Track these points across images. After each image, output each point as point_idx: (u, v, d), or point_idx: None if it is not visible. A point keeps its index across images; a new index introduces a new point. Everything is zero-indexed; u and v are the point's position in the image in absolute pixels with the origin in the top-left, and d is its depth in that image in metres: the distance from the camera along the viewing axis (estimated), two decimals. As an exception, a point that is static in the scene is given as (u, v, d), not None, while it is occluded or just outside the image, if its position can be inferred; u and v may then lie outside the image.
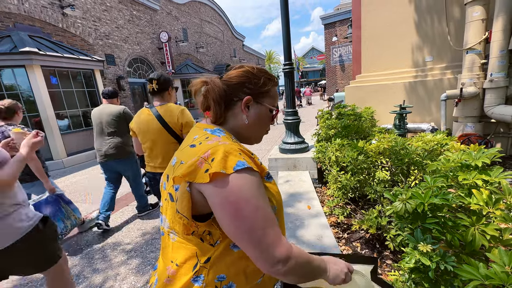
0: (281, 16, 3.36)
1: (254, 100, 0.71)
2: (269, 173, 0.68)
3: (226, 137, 0.66)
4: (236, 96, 0.70)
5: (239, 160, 0.56)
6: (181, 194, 0.59)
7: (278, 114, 0.81)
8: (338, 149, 2.47)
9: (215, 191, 0.56)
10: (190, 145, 0.63)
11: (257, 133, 0.76)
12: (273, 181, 0.69)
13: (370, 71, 5.14)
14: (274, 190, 0.67)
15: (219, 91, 0.68)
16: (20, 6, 6.65)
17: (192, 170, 0.56)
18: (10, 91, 6.10)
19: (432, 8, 4.30)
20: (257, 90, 0.71)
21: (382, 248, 1.86)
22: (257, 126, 0.74)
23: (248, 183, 0.56)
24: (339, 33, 15.84)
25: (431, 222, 1.03)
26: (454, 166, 1.27)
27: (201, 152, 0.58)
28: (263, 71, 0.74)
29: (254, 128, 0.73)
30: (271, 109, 0.74)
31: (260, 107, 0.72)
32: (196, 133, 0.69)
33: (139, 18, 10.90)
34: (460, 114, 3.64)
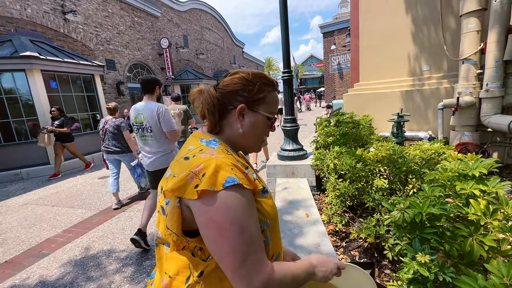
0: (280, 24, 3.41)
1: (249, 108, 0.68)
2: (264, 187, 0.66)
3: (221, 149, 0.64)
4: (230, 105, 0.68)
5: (229, 176, 0.54)
6: (171, 210, 0.58)
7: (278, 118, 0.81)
8: (336, 156, 2.48)
9: (201, 209, 0.54)
10: (184, 157, 0.61)
11: (254, 142, 0.73)
12: (269, 195, 0.67)
13: (368, 79, 5.20)
14: (269, 205, 0.65)
15: (212, 100, 0.67)
16: (22, 11, 6.71)
17: (182, 184, 0.55)
18: (9, 95, 6.10)
19: (428, 19, 4.39)
20: (252, 98, 0.68)
21: (380, 257, 1.84)
22: (253, 135, 0.71)
23: (236, 202, 0.54)
24: (337, 41, 16.08)
25: (429, 232, 1.03)
26: (451, 175, 1.27)
27: (193, 166, 0.56)
28: (260, 75, 0.71)
29: (249, 137, 0.71)
30: (268, 116, 0.70)
31: (256, 115, 0.69)
32: (191, 143, 0.67)
33: (140, 24, 11.02)
34: (457, 123, 3.68)
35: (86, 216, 3.60)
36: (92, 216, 3.57)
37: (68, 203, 4.17)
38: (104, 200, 4.19)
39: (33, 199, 4.56)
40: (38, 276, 2.33)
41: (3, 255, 2.75)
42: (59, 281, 2.23)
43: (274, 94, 0.73)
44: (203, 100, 0.69)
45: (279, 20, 3.40)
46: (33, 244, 2.92)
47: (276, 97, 0.74)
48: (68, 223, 3.40)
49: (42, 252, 2.74)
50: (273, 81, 0.73)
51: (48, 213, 3.84)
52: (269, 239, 0.65)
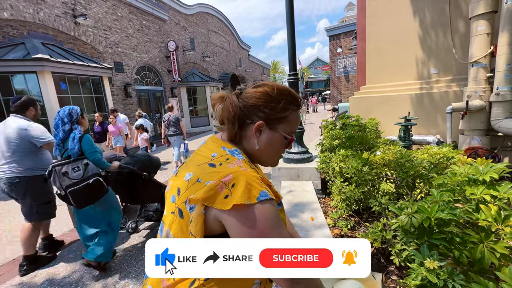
0: (286, 27, 3.42)
1: (268, 126, 0.66)
2: (281, 201, 0.67)
3: (245, 161, 0.65)
4: (249, 118, 0.66)
5: (262, 191, 0.56)
6: (196, 216, 0.57)
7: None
8: (342, 159, 2.45)
9: (238, 220, 0.54)
10: (209, 164, 0.60)
11: (270, 158, 0.72)
12: (281, 208, 0.67)
13: (375, 82, 5.16)
14: (282, 218, 0.66)
15: (234, 110, 0.65)
16: (35, 15, 6.90)
17: (212, 194, 0.55)
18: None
19: (436, 22, 4.34)
20: (273, 116, 0.66)
21: (387, 263, 1.81)
22: (269, 152, 0.69)
23: (271, 212, 0.56)
24: (343, 44, 16.03)
25: (438, 238, 1.00)
26: (461, 180, 1.24)
27: (222, 175, 0.56)
28: (286, 93, 0.67)
29: (265, 154, 0.70)
30: (286, 136, 0.68)
31: (273, 134, 0.67)
32: (214, 149, 0.66)
33: (148, 27, 11.20)
34: (466, 127, 3.61)
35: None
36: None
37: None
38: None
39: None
40: (45, 274, 2.36)
41: (12, 253, 2.80)
42: (65, 279, 2.26)
43: (297, 113, 0.70)
44: (224, 107, 0.68)
45: (286, 23, 3.41)
46: (40, 243, 2.96)
47: (299, 116, 0.72)
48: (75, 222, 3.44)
49: (49, 250, 2.78)
50: (298, 99, 0.70)
51: (58, 211, 3.89)
52: None
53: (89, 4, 8.49)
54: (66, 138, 2.15)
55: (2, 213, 4.01)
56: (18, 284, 2.25)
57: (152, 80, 11.78)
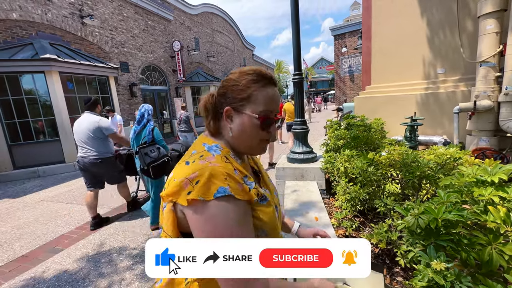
0: (291, 27, 3.41)
1: (234, 110, 0.65)
2: (263, 196, 0.65)
3: (220, 156, 0.63)
4: (220, 108, 0.67)
5: (221, 186, 0.54)
6: (166, 213, 0.58)
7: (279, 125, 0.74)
8: (347, 160, 2.44)
9: (192, 217, 0.54)
10: (186, 162, 0.61)
11: (250, 144, 0.67)
12: (267, 202, 0.65)
13: (380, 82, 5.11)
14: (267, 213, 0.63)
15: (206, 103, 0.69)
16: (43, 16, 7.01)
17: (177, 190, 0.55)
18: (28, 95, 6.38)
19: (443, 21, 4.28)
20: (236, 97, 0.65)
21: (392, 264, 1.79)
22: (244, 137, 0.66)
23: (225, 213, 0.53)
24: (348, 44, 15.92)
25: (445, 239, 0.99)
26: (469, 181, 1.23)
27: (189, 173, 0.56)
28: (249, 72, 0.65)
29: (242, 140, 0.67)
30: (254, 116, 0.64)
31: (242, 117, 0.65)
32: (195, 147, 0.68)
33: (153, 27, 11.28)
34: (474, 127, 3.55)
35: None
36: (104, 214, 3.65)
37: (81, 201, 4.29)
38: (115, 199, 4.29)
39: (49, 196, 4.72)
40: (53, 270, 2.40)
41: (21, 249, 2.85)
42: (72, 276, 2.29)
43: (264, 90, 0.65)
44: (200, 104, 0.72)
45: (290, 23, 3.40)
46: (48, 240, 3.02)
47: (268, 93, 0.65)
48: (81, 220, 3.50)
49: (56, 247, 2.83)
50: (264, 75, 0.66)
51: (62, 209, 3.96)
52: None
53: (95, 4, 8.59)
54: (143, 128, 3.01)
55: (12, 211, 4.09)
56: (27, 279, 2.29)
57: (157, 79, 11.87)
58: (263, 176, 0.80)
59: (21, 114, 6.30)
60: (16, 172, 6.16)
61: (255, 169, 0.79)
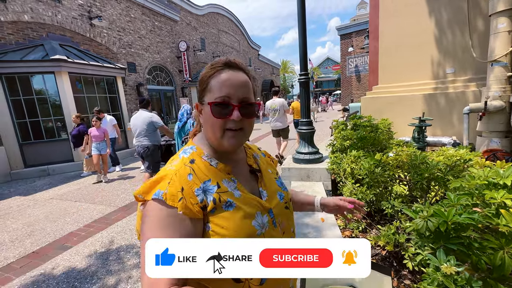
0: (298, 27, 3.40)
1: (200, 104, 0.65)
2: (227, 201, 0.59)
3: (187, 158, 0.63)
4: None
5: (159, 190, 0.55)
6: (137, 212, 0.61)
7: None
8: (353, 160, 2.42)
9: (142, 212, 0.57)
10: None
11: (214, 136, 0.63)
12: (233, 209, 0.59)
13: (388, 82, 5.05)
14: (231, 220, 0.57)
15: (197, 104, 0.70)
16: (53, 18, 7.16)
17: (138, 191, 0.58)
18: (39, 95, 6.53)
19: (453, 19, 4.20)
20: (200, 92, 0.65)
21: (399, 266, 1.77)
22: (208, 129, 0.64)
23: (152, 216, 0.54)
24: (355, 43, 15.77)
25: (455, 242, 0.98)
26: (480, 183, 1.20)
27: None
28: (209, 65, 0.65)
29: (208, 133, 0.65)
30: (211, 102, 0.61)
31: (204, 107, 0.63)
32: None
33: (160, 28, 11.39)
34: (484, 128, 3.47)
35: (106, 212, 3.75)
36: (111, 212, 3.71)
37: (89, 199, 4.37)
38: (123, 197, 4.35)
39: (58, 194, 4.82)
40: (62, 267, 2.45)
41: (31, 245, 2.92)
42: (81, 273, 2.34)
43: (218, 76, 0.62)
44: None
45: (297, 23, 3.39)
46: (57, 237, 3.08)
47: (220, 78, 0.61)
48: (89, 218, 3.56)
49: (65, 244, 2.89)
50: (219, 60, 0.64)
51: (71, 207, 4.04)
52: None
53: (104, 6, 8.72)
54: (184, 124, 3.91)
55: (23, 208, 4.19)
56: (37, 275, 2.34)
57: (164, 80, 11.98)
58: (263, 175, 0.73)
59: (32, 113, 6.45)
60: (27, 170, 6.31)
61: (253, 168, 0.73)
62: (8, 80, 6.11)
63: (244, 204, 0.61)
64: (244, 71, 0.66)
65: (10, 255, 2.74)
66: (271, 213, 0.66)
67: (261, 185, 0.70)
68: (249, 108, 0.62)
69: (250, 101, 0.63)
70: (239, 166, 0.70)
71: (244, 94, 0.62)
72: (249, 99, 0.63)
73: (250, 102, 0.63)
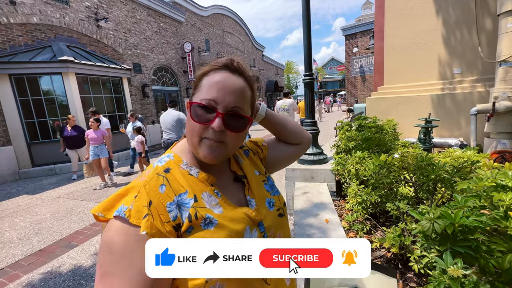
0: (302, 27, 3.39)
1: (189, 101, 0.56)
2: (206, 218, 0.50)
3: (162, 166, 0.55)
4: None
5: (122, 205, 0.46)
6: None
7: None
8: (358, 162, 2.40)
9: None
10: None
11: (191, 141, 0.55)
12: (214, 227, 0.51)
13: (393, 82, 5.00)
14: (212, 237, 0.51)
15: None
16: (61, 20, 7.29)
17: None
18: (47, 96, 6.64)
19: (461, 19, 4.14)
20: (193, 88, 0.58)
21: (405, 269, 1.75)
22: (188, 132, 0.56)
23: (108, 242, 0.44)
24: (360, 44, 15.67)
25: (462, 245, 0.96)
26: (488, 185, 1.18)
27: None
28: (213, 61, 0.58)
29: (188, 137, 0.57)
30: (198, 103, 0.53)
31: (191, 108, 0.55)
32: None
33: (165, 29, 11.50)
34: (492, 129, 3.41)
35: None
36: (117, 212, 3.76)
37: (95, 198, 4.42)
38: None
39: (65, 193, 4.89)
40: (68, 265, 2.49)
41: (38, 243, 2.97)
42: (87, 271, 2.37)
43: (210, 76, 0.55)
44: None
45: (301, 23, 3.39)
46: (64, 235, 3.13)
47: (212, 78, 0.54)
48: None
49: (72, 243, 2.93)
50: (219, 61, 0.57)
51: (77, 206, 4.09)
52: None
53: (110, 8, 8.84)
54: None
55: (30, 207, 4.26)
56: (45, 273, 2.38)
57: (168, 80, 12.07)
58: (249, 182, 0.64)
59: (39, 113, 6.57)
60: (35, 170, 6.42)
61: (238, 175, 0.64)
62: (17, 80, 6.24)
63: (228, 221, 0.52)
64: (245, 77, 0.57)
65: (18, 253, 2.79)
66: (261, 226, 0.58)
67: (248, 193, 0.62)
68: (236, 120, 0.53)
69: (239, 112, 0.54)
70: (222, 175, 0.61)
71: (235, 102, 0.53)
72: (239, 110, 0.54)
73: (240, 114, 0.54)
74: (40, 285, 2.23)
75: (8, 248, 2.91)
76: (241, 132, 0.56)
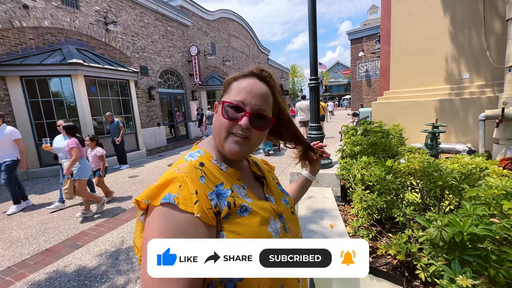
0: (308, 32, 3.41)
1: (218, 103, 0.65)
2: (242, 206, 0.56)
3: (196, 161, 0.59)
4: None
5: (169, 193, 0.50)
6: (136, 222, 0.56)
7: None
8: (364, 167, 2.38)
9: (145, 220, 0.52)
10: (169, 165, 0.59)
11: (219, 137, 0.62)
12: (249, 214, 0.56)
13: (400, 87, 4.97)
14: (246, 225, 0.55)
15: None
16: (71, 23, 7.46)
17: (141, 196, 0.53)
18: (55, 98, 6.78)
19: (469, 23, 4.10)
20: (223, 92, 0.67)
21: (411, 277, 1.72)
22: (216, 129, 0.63)
23: (162, 222, 0.48)
24: (366, 48, 15.63)
25: (471, 254, 0.94)
26: (497, 193, 1.16)
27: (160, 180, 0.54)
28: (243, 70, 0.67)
29: (215, 134, 0.64)
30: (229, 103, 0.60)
31: (219, 107, 0.64)
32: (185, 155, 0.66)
33: (172, 33, 11.66)
34: (501, 136, 3.35)
35: (116, 212, 3.82)
36: (122, 213, 3.78)
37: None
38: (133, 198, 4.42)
39: (71, 193, 4.95)
40: (73, 265, 2.51)
41: (45, 243, 3.01)
42: (92, 272, 2.38)
43: (239, 81, 0.64)
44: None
45: (307, 27, 3.40)
46: (69, 235, 3.16)
47: (241, 83, 0.63)
48: (100, 218, 3.64)
49: (77, 243, 2.96)
50: (248, 69, 0.66)
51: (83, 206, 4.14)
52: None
53: (119, 12, 9.02)
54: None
55: (37, 206, 4.33)
56: (50, 272, 2.41)
57: (174, 83, 12.20)
58: (267, 182, 0.73)
59: (48, 115, 6.70)
60: (42, 170, 6.53)
61: (257, 174, 0.74)
62: (28, 82, 6.38)
63: (259, 208, 0.59)
64: (269, 85, 0.65)
65: (24, 252, 2.83)
66: (282, 218, 0.65)
67: (267, 191, 0.70)
68: (260, 120, 0.62)
69: (263, 113, 0.62)
70: (245, 173, 0.70)
71: (260, 105, 0.61)
72: (264, 111, 0.62)
73: (264, 115, 0.62)
74: (45, 285, 2.25)
75: (15, 247, 2.96)
76: (264, 130, 0.64)
